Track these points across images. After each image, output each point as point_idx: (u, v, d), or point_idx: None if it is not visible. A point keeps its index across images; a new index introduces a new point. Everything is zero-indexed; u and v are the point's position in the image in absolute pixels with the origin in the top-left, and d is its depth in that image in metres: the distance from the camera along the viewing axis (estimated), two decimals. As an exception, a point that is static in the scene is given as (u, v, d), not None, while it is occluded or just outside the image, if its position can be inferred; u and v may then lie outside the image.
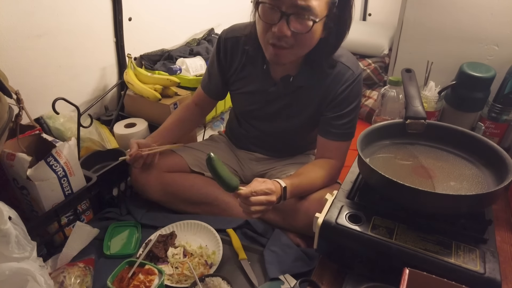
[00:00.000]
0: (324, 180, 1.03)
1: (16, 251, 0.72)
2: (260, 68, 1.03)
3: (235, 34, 1.06)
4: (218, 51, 1.10)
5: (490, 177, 0.82)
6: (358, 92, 1.02)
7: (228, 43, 1.07)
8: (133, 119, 1.48)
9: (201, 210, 1.15)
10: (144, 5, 1.62)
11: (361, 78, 1.02)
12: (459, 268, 0.67)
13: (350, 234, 0.76)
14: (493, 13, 1.25)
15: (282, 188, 0.92)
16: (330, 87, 1.00)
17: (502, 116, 1.19)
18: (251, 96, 1.10)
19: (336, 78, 0.99)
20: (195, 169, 1.19)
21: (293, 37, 0.86)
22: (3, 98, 0.86)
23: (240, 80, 1.10)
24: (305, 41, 0.88)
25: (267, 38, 0.89)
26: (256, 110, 1.12)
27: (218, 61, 1.12)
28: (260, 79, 1.05)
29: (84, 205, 1.09)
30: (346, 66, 0.99)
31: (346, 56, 1.01)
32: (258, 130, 1.18)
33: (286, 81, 1.02)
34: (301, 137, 1.17)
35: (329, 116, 1.02)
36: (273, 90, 1.05)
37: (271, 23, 0.85)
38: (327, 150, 1.05)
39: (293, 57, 0.92)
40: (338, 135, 1.03)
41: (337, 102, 1.00)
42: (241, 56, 1.06)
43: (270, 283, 0.92)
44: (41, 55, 1.29)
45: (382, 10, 2.17)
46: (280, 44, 0.87)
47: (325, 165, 1.04)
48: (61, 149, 0.97)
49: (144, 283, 0.88)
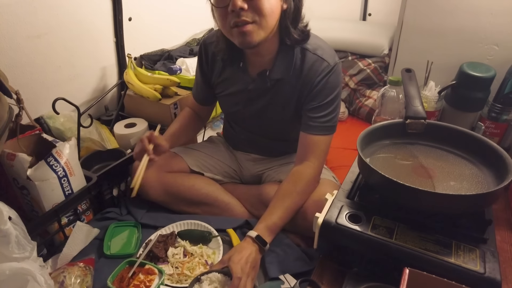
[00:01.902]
0: (305, 193, 1.00)
1: (16, 251, 0.72)
2: (237, 67, 1.05)
3: (213, 39, 1.07)
4: (201, 58, 1.13)
5: (490, 177, 0.82)
6: (335, 84, 1.00)
7: (208, 48, 1.10)
8: (133, 119, 1.48)
9: (201, 210, 1.15)
10: (144, 5, 1.62)
11: (337, 69, 0.99)
12: (459, 268, 0.67)
13: (350, 234, 0.76)
14: (493, 13, 1.25)
15: (254, 239, 0.90)
16: (306, 79, 0.99)
17: (502, 116, 1.19)
18: (234, 97, 1.11)
19: (311, 70, 0.98)
20: (195, 169, 1.19)
21: (250, 8, 0.85)
22: (3, 98, 0.86)
23: (222, 82, 1.12)
24: (263, 8, 0.86)
25: (229, 24, 0.88)
26: (241, 110, 1.13)
27: (201, 68, 1.14)
28: (239, 78, 1.07)
29: (84, 205, 1.09)
30: (321, 58, 0.98)
31: (322, 49, 0.99)
32: (247, 131, 1.19)
33: (263, 76, 1.02)
34: (291, 134, 1.15)
35: (307, 108, 1.01)
36: (252, 88, 1.05)
37: (224, 4, 0.86)
38: (307, 146, 1.03)
39: (262, 33, 0.90)
40: (317, 128, 1.01)
41: (314, 94, 1.00)
42: (220, 60, 1.08)
43: (270, 283, 0.92)
44: (41, 55, 1.29)
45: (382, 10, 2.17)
46: (241, 20, 0.86)
47: (301, 177, 1.00)
48: (61, 149, 0.97)
49: (144, 282, 0.88)
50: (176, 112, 1.48)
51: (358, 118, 1.80)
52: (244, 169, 1.26)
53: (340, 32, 1.94)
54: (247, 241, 0.91)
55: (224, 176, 1.24)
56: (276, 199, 0.98)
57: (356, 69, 1.82)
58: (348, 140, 1.07)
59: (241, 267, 0.84)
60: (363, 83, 1.83)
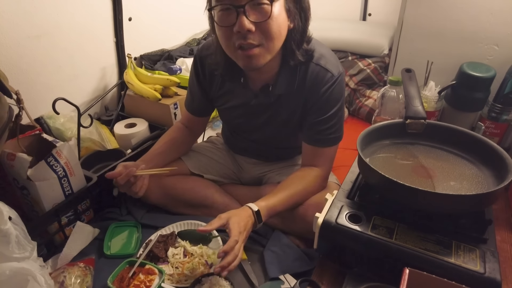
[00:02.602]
0: (310, 191, 1.00)
1: (17, 251, 0.72)
2: (238, 82, 0.99)
3: (208, 52, 1.01)
4: (197, 71, 1.07)
5: (490, 177, 0.82)
6: (339, 95, 0.97)
7: (204, 62, 1.04)
8: (133, 119, 1.48)
9: (201, 212, 1.15)
10: (144, 5, 1.62)
11: (341, 80, 0.96)
12: (459, 268, 0.67)
13: (350, 234, 0.76)
14: (493, 13, 1.25)
15: (254, 212, 0.90)
16: (310, 92, 0.96)
17: (502, 116, 1.19)
18: (235, 110, 1.08)
19: (315, 81, 0.95)
20: (195, 171, 1.19)
21: (258, 30, 0.81)
22: (3, 98, 0.86)
23: (222, 96, 1.07)
24: (271, 30, 0.82)
25: (233, 45, 0.84)
26: (243, 123, 1.10)
27: (198, 81, 1.08)
28: (240, 93, 1.02)
29: (84, 205, 1.09)
30: (325, 68, 0.94)
31: (325, 58, 0.95)
32: (249, 140, 1.17)
33: (266, 91, 0.99)
34: (294, 142, 1.14)
35: (312, 121, 0.99)
36: (255, 103, 1.02)
37: (230, 24, 0.81)
38: (312, 157, 1.02)
39: (267, 55, 0.86)
40: (322, 141, 0.99)
41: (318, 106, 0.97)
42: (218, 74, 1.02)
43: (270, 283, 0.92)
44: (41, 55, 1.29)
45: (382, 10, 2.17)
46: (247, 43, 0.82)
47: (309, 175, 1.01)
48: (62, 149, 0.97)
49: (144, 282, 0.88)
50: (176, 112, 1.48)
51: (358, 118, 1.80)
52: (244, 171, 1.25)
53: (340, 32, 1.94)
54: (246, 211, 0.90)
55: (224, 177, 1.23)
56: (281, 185, 0.99)
57: (356, 69, 1.82)
58: (348, 140, 1.07)
59: (239, 231, 0.84)
60: (363, 83, 1.83)
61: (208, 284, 0.87)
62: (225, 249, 0.81)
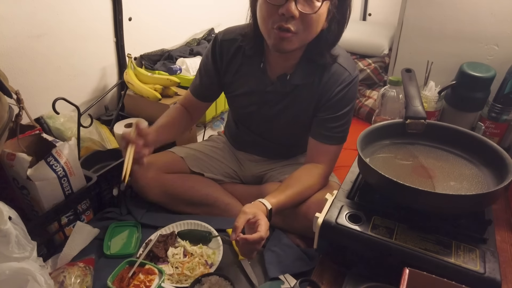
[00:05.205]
0: (314, 188, 1.01)
1: (16, 251, 0.72)
2: (257, 67, 1.02)
3: (231, 36, 1.04)
4: (214, 53, 1.07)
5: (490, 177, 0.82)
6: (353, 95, 1.01)
7: (224, 45, 1.05)
8: (133, 119, 1.48)
9: (201, 211, 1.15)
10: (144, 5, 1.62)
11: (357, 81, 1.00)
12: (459, 268, 0.67)
13: (350, 234, 0.76)
14: (493, 13, 1.25)
15: (268, 211, 0.90)
16: (326, 87, 0.98)
17: (502, 116, 1.19)
18: (248, 97, 1.08)
19: (332, 78, 0.98)
20: (195, 169, 1.19)
21: (299, 19, 0.84)
22: (3, 98, 0.86)
23: (237, 81, 1.08)
24: (312, 24, 0.86)
25: (272, 23, 0.86)
26: (254, 112, 1.10)
27: (214, 63, 1.08)
28: (257, 79, 1.04)
29: (84, 205, 1.09)
30: (343, 67, 0.98)
31: (343, 57, 0.99)
32: (256, 134, 1.17)
33: (283, 80, 1.00)
34: (300, 139, 1.16)
35: (322, 117, 1.01)
36: (270, 90, 1.03)
37: (278, 4, 0.83)
38: (317, 153, 1.04)
39: (297, 44, 0.90)
40: (330, 138, 1.01)
41: (332, 104, 0.99)
42: (238, 57, 1.04)
43: (270, 283, 0.92)
44: (41, 55, 1.29)
45: (382, 10, 2.18)
46: (286, 26, 0.84)
47: (314, 173, 1.02)
48: (61, 149, 0.97)
49: (144, 282, 0.88)
50: (176, 112, 1.47)
51: (358, 118, 1.80)
52: (245, 169, 1.25)
53: (340, 32, 1.94)
54: (262, 209, 0.88)
55: (225, 176, 1.23)
56: (287, 182, 0.98)
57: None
58: (348, 140, 1.07)
59: (267, 228, 0.85)
60: (363, 83, 1.83)
61: (208, 284, 0.87)
62: (255, 237, 0.81)
